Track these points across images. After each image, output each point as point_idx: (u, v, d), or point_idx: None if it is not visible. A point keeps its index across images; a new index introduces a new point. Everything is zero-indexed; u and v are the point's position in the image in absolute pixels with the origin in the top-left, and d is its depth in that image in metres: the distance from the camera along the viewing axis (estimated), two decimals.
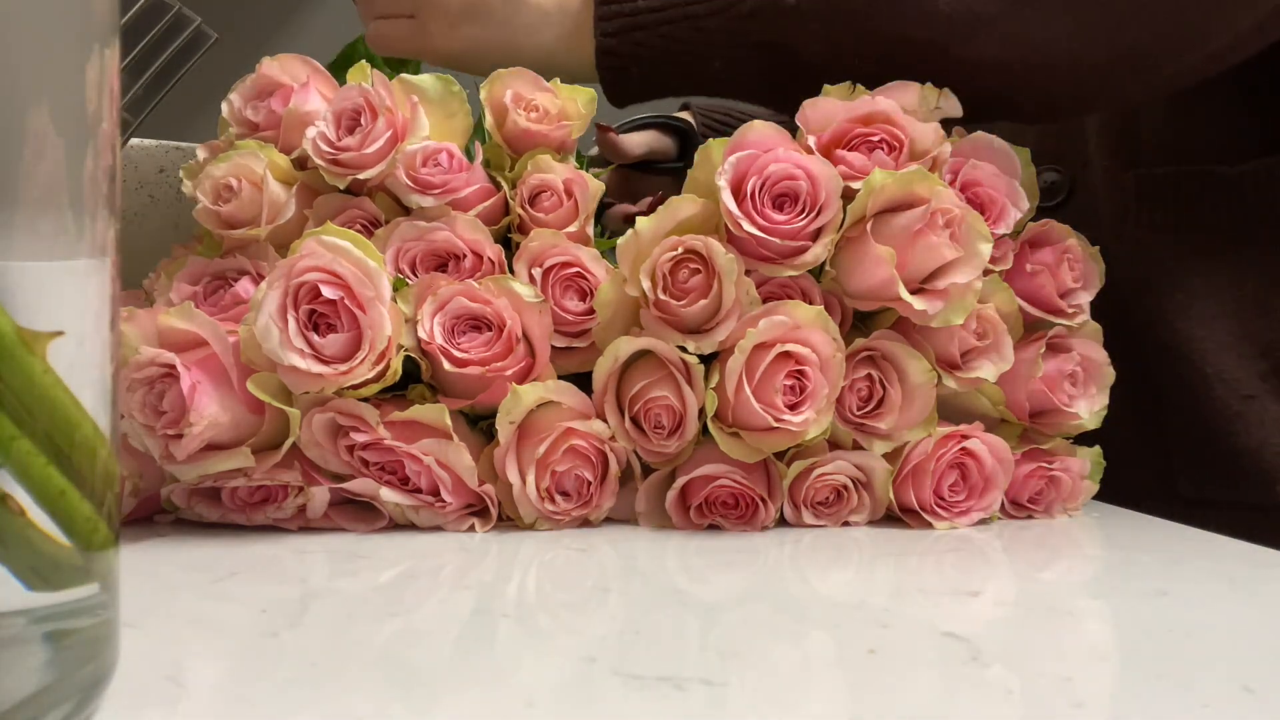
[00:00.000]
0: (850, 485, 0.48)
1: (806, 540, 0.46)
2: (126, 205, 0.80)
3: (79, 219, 0.23)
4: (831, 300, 0.50)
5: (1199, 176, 0.64)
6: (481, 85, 0.53)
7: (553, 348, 0.48)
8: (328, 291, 0.44)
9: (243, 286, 0.49)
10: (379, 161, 0.49)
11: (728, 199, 0.47)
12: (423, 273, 0.49)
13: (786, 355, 0.46)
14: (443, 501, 0.45)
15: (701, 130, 0.82)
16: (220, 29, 0.61)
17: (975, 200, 0.51)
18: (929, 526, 0.49)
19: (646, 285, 0.47)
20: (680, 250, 0.47)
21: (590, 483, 0.47)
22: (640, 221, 0.48)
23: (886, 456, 0.49)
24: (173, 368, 0.43)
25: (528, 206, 0.51)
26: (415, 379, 0.48)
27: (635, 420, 0.48)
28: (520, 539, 0.45)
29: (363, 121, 0.50)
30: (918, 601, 0.37)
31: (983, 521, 0.50)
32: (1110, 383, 0.54)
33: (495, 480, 0.47)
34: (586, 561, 0.42)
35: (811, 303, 0.48)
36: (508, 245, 0.52)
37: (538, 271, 0.49)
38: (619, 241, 0.48)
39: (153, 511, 0.48)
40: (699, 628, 0.33)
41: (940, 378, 0.49)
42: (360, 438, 0.45)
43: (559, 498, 0.47)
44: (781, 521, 0.49)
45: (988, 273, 0.50)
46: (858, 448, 0.49)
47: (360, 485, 0.45)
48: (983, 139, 0.53)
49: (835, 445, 0.49)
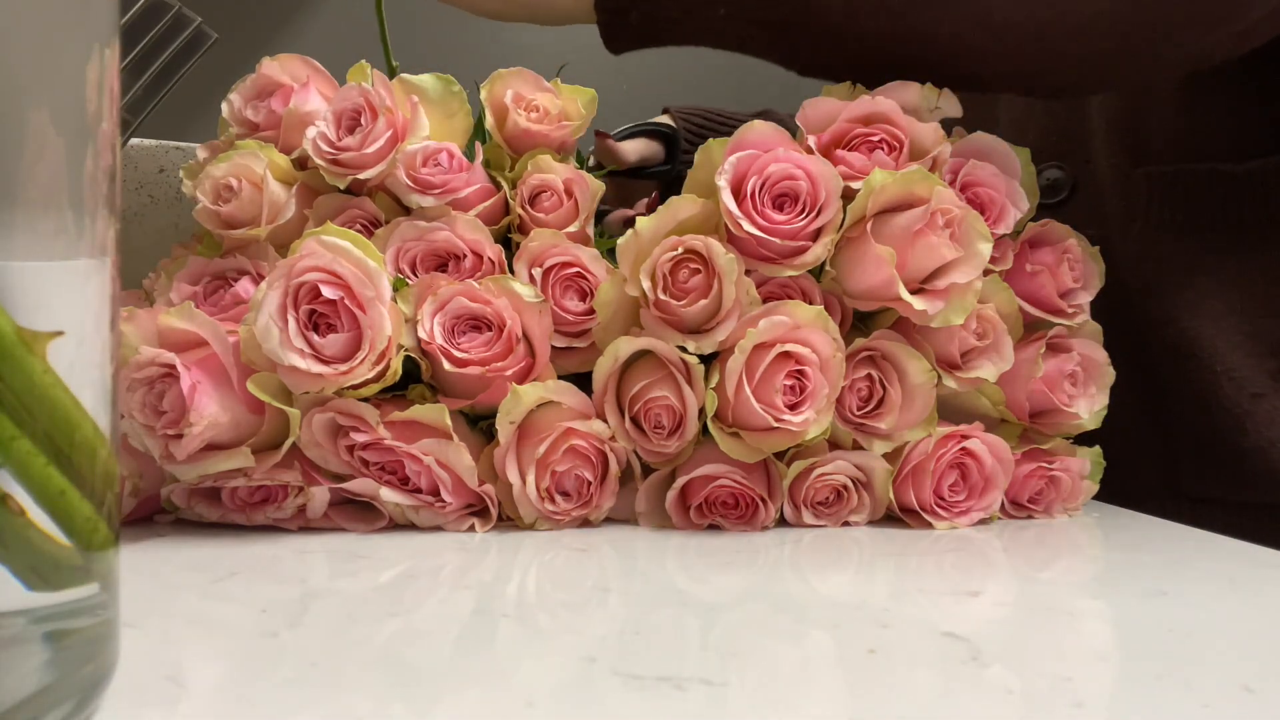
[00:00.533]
0: (850, 485, 0.49)
1: (806, 540, 0.46)
2: (126, 205, 0.80)
3: (79, 219, 0.23)
4: (831, 300, 0.50)
5: (1208, 174, 0.64)
6: (482, 85, 0.53)
7: (553, 348, 0.48)
8: (328, 291, 0.44)
9: (243, 286, 0.49)
10: (379, 161, 0.49)
11: (728, 199, 0.47)
12: (423, 273, 0.49)
13: (786, 355, 0.46)
14: (443, 501, 0.45)
15: (684, 135, 0.81)
16: (220, 29, 0.61)
17: (975, 200, 0.51)
18: (929, 526, 0.49)
19: (646, 285, 0.47)
20: (680, 250, 0.47)
21: (590, 483, 0.47)
22: (640, 221, 0.48)
23: (886, 456, 0.49)
24: (173, 368, 0.43)
25: (528, 206, 0.51)
26: (415, 379, 0.48)
27: (635, 420, 0.48)
28: (520, 539, 0.45)
29: (363, 121, 0.50)
30: (918, 601, 0.37)
31: (983, 521, 0.50)
32: (1110, 383, 0.54)
33: (495, 480, 0.47)
34: (586, 561, 0.42)
35: (811, 303, 0.48)
36: (508, 245, 0.52)
37: (538, 271, 0.49)
38: (619, 241, 0.48)
39: (153, 511, 0.48)
40: (699, 628, 0.33)
41: (940, 378, 0.49)
42: (360, 438, 0.45)
43: (559, 498, 0.47)
44: (781, 521, 0.49)
45: (988, 273, 0.50)
46: (858, 448, 0.49)
47: (360, 485, 0.45)
48: (983, 139, 0.53)
49: (835, 445, 0.49)
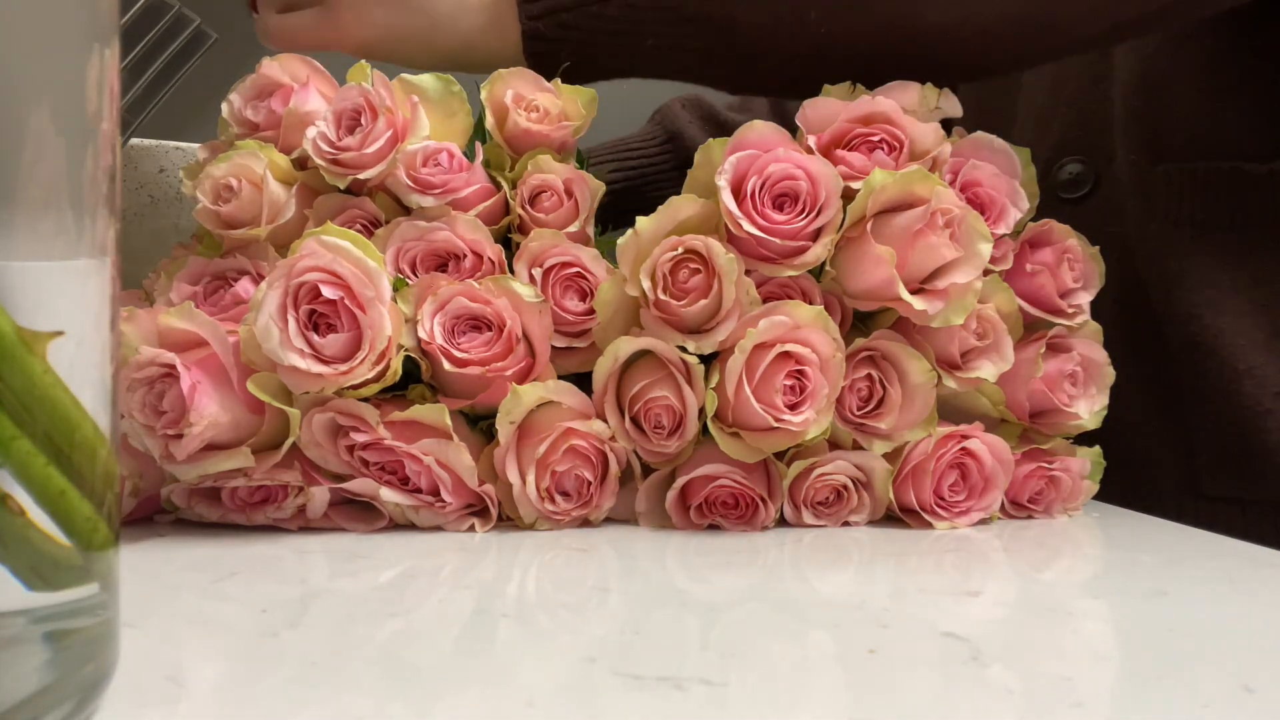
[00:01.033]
0: (850, 485, 0.49)
1: (806, 540, 0.46)
2: (126, 205, 0.80)
3: (79, 219, 0.23)
4: (831, 300, 0.50)
5: (1229, 173, 0.63)
6: (482, 85, 0.53)
7: (553, 348, 0.48)
8: (328, 291, 0.44)
9: (243, 286, 0.49)
10: (379, 161, 0.49)
11: (728, 199, 0.47)
12: (423, 273, 0.49)
13: (786, 355, 0.46)
14: (443, 501, 0.45)
15: None
16: (220, 29, 0.61)
17: (975, 200, 0.51)
18: (929, 526, 0.49)
19: (646, 285, 0.47)
20: (680, 250, 0.47)
21: (590, 483, 0.47)
22: (640, 221, 0.48)
23: (886, 456, 0.49)
24: (173, 368, 0.43)
25: (528, 206, 0.51)
26: (415, 379, 0.48)
27: (635, 420, 0.48)
28: (520, 539, 0.45)
29: (363, 121, 0.50)
30: (918, 601, 0.37)
31: (983, 521, 0.50)
32: (1110, 383, 0.54)
33: (495, 480, 0.47)
34: (586, 561, 0.42)
35: (811, 303, 0.48)
36: (508, 245, 0.52)
37: (538, 272, 0.49)
38: (619, 241, 0.48)
39: (153, 511, 0.48)
40: (699, 628, 0.33)
41: (940, 378, 0.49)
42: (360, 438, 0.45)
43: (559, 498, 0.47)
44: (781, 521, 0.49)
45: (988, 273, 0.50)
46: (858, 448, 0.49)
47: (360, 485, 0.45)
48: (983, 139, 0.53)
49: (835, 445, 0.49)
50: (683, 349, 0.47)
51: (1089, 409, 0.53)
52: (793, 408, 0.46)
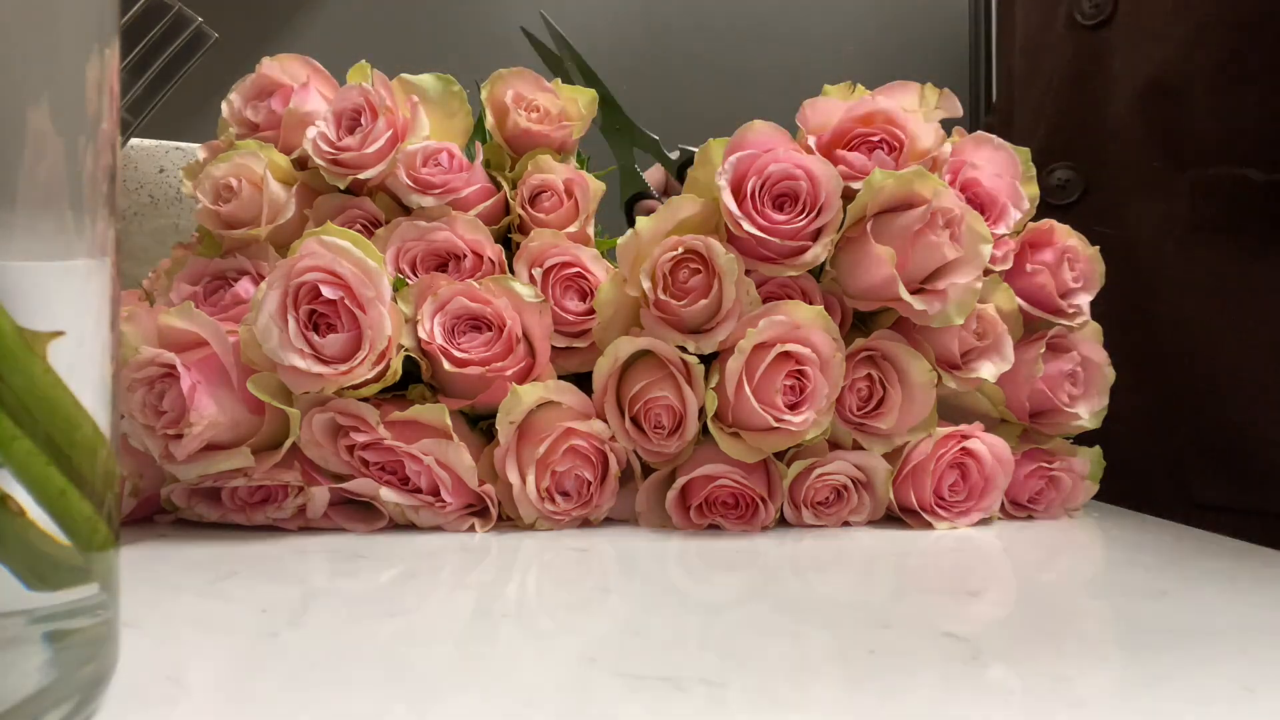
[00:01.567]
0: (850, 485, 0.49)
1: (806, 540, 0.46)
2: (126, 205, 0.80)
3: (79, 219, 0.23)
4: (831, 300, 0.50)
5: (1235, 179, 0.63)
6: (482, 85, 0.53)
7: (553, 348, 0.48)
8: (328, 291, 0.44)
9: (243, 286, 0.49)
10: (379, 161, 0.49)
11: (728, 199, 0.47)
12: (423, 273, 0.49)
13: (786, 355, 0.46)
14: (443, 501, 0.45)
15: None
16: (220, 29, 0.61)
17: (975, 200, 0.51)
18: (929, 526, 0.49)
19: (646, 285, 0.47)
20: (680, 250, 0.47)
21: (590, 483, 0.47)
22: (640, 221, 0.48)
23: (886, 456, 0.49)
24: (173, 368, 0.43)
25: (528, 206, 0.51)
26: (415, 379, 0.48)
27: (635, 420, 0.48)
28: (520, 539, 0.45)
29: (363, 121, 0.50)
30: (918, 601, 0.37)
31: (983, 521, 0.50)
32: (1110, 383, 0.54)
33: (495, 480, 0.47)
34: (586, 561, 0.42)
35: (811, 303, 0.48)
36: (508, 245, 0.52)
37: (538, 272, 0.49)
38: (619, 241, 0.48)
39: (153, 511, 0.48)
40: (699, 628, 0.33)
41: (940, 378, 0.49)
42: (360, 438, 0.45)
43: (559, 498, 0.47)
44: (781, 521, 0.49)
45: (988, 273, 0.50)
46: (858, 448, 0.49)
47: (360, 485, 0.45)
48: (983, 139, 0.53)
49: (835, 445, 0.49)
50: (683, 349, 0.47)
51: (1089, 409, 0.53)
52: (793, 408, 0.46)
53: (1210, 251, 0.63)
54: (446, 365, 0.46)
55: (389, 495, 0.45)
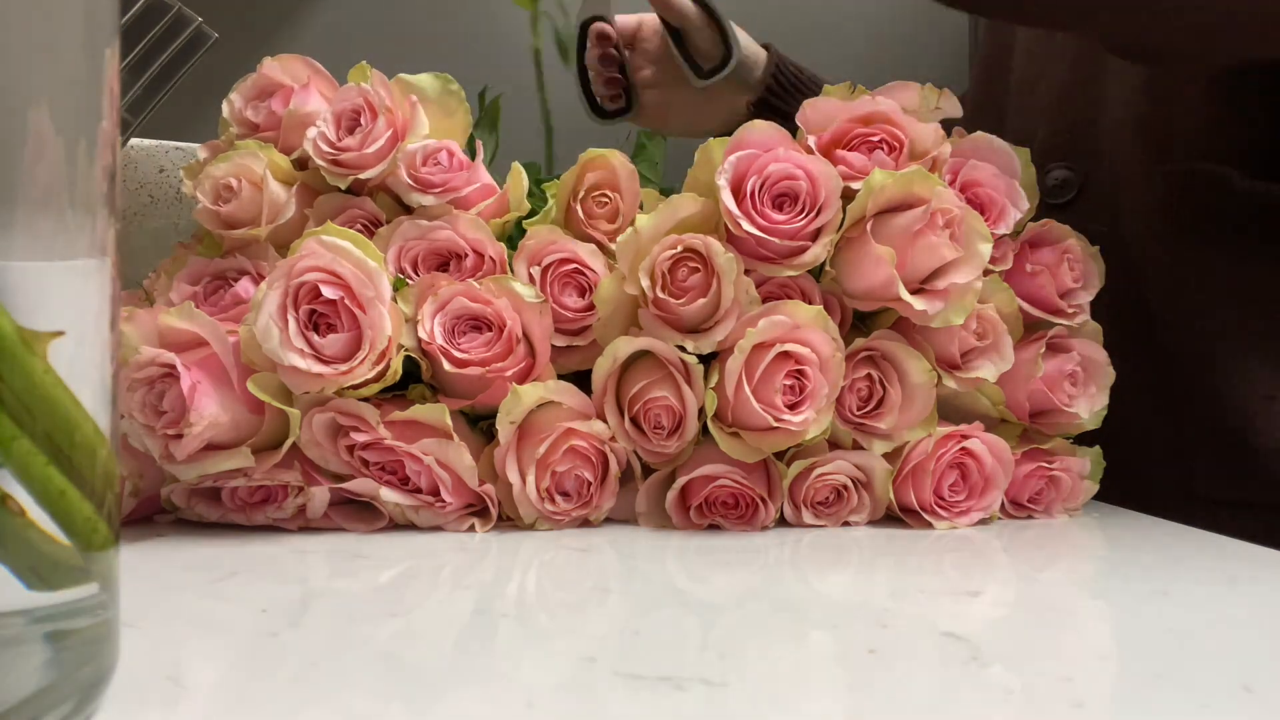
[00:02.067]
0: (850, 485, 0.48)
1: (806, 540, 0.46)
2: (126, 205, 0.80)
3: (79, 219, 0.23)
4: (831, 300, 0.50)
5: (1221, 179, 0.63)
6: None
7: (553, 347, 0.48)
8: (328, 291, 0.44)
9: (243, 286, 0.49)
10: (380, 161, 0.49)
11: (727, 198, 0.47)
12: (425, 271, 0.49)
13: (786, 355, 0.46)
14: (443, 501, 0.45)
15: (774, 73, 0.80)
16: (220, 29, 0.61)
17: (975, 200, 0.51)
18: (929, 526, 0.49)
19: (645, 283, 0.47)
20: (679, 249, 0.47)
21: (590, 483, 0.47)
22: (640, 220, 0.48)
23: (886, 456, 0.49)
24: (173, 368, 0.43)
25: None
26: (415, 379, 0.48)
27: (635, 420, 0.48)
28: (520, 539, 0.45)
29: (363, 121, 0.50)
30: (918, 601, 0.37)
31: (983, 521, 0.50)
32: (1110, 383, 0.54)
33: (495, 480, 0.47)
34: (586, 561, 0.42)
35: (811, 303, 0.48)
36: (511, 244, 0.52)
37: (536, 270, 0.49)
38: (619, 240, 0.48)
39: (153, 511, 0.48)
40: (699, 628, 0.33)
41: (940, 378, 0.49)
42: (360, 438, 0.45)
43: (559, 498, 0.47)
44: (781, 521, 0.49)
45: (988, 273, 0.50)
46: (858, 448, 0.49)
47: (360, 485, 0.45)
48: (983, 139, 0.53)
49: (835, 445, 0.49)
50: (682, 349, 0.47)
51: (1089, 409, 0.53)
52: (792, 408, 0.46)
53: (1204, 246, 0.63)
54: (447, 365, 0.46)
55: (389, 495, 0.45)
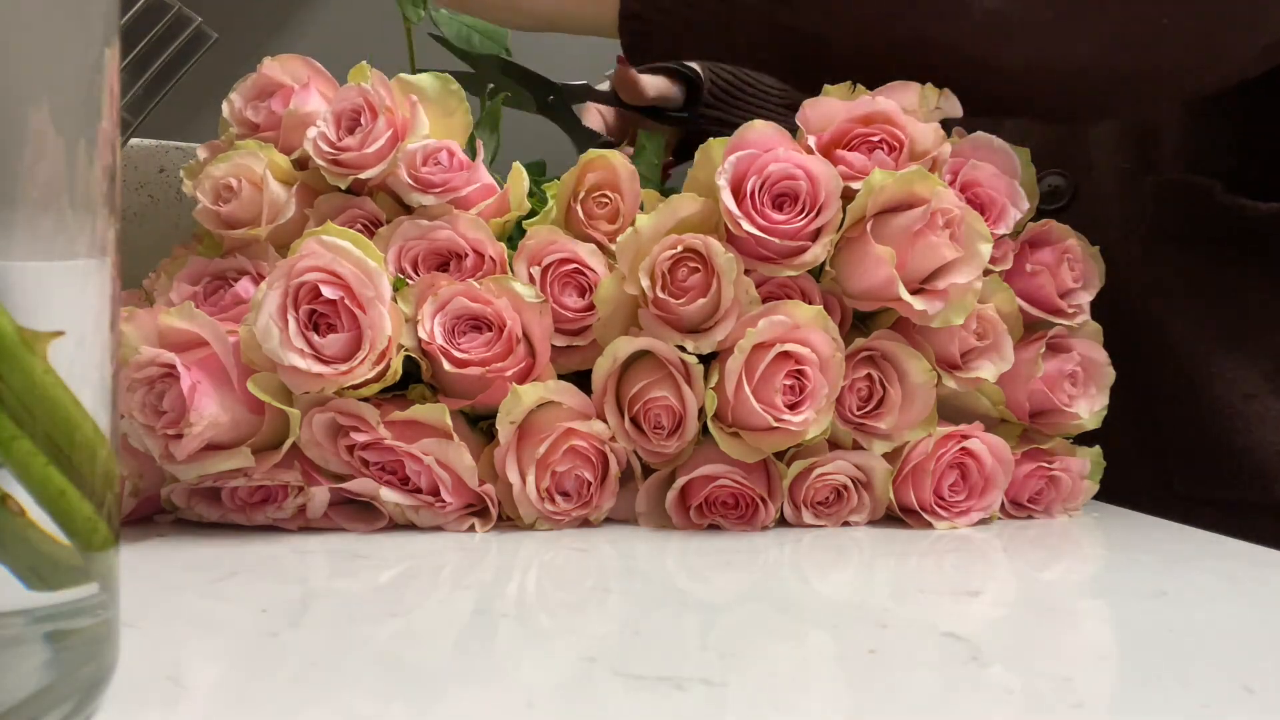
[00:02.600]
0: (850, 485, 0.48)
1: (806, 540, 0.46)
2: (126, 205, 0.80)
3: (79, 219, 0.23)
4: (831, 300, 0.50)
5: (1205, 189, 0.64)
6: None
7: (553, 346, 0.48)
8: (328, 291, 0.44)
9: (243, 286, 0.49)
10: (380, 161, 0.49)
11: (727, 198, 0.47)
12: (425, 271, 0.49)
13: (786, 355, 0.46)
14: (443, 501, 0.45)
15: (709, 86, 0.81)
16: (220, 29, 0.61)
17: (975, 200, 0.51)
18: (929, 526, 0.49)
19: (645, 283, 0.47)
20: (679, 249, 0.47)
21: (590, 483, 0.47)
22: (640, 219, 0.48)
23: (886, 456, 0.49)
24: (173, 368, 0.43)
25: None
26: (415, 379, 0.48)
27: (635, 420, 0.48)
28: (520, 539, 0.45)
29: (363, 121, 0.50)
30: (918, 601, 0.37)
31: (983, 521, 0.50)
32: (1110, 383, 0.54)
33: (495, 480, 0.47)
34: (586, 561, 0.42)
35: (811, 303, 0.48)
36: (511, 244, 0.52)
37: (536, 270, 0.49)
38: (619, 240, 0.48)
39: (153, 511, 0.48)
40: (699, 628, 0.33)
41: (940, 378, 0.49)
42: (360, 438, 0.45)
43: (559, 498, 0.47)
44: (781, 521, 0.49)
45: (988, 273, 0.50)
46: (858, 448, 0.49)
47: (360, 485, 0.45)
48: (983, 139, 0.53)
49: (835, 445, 0.49)
50: (682, 349, 0.47)
51: (1089, 409, 0.53)
52: (792, 407, 0.46)
53: (1186, 253, 0.64)
54: (447, 365, 0.46)
55: (389, 495, 0.45)
